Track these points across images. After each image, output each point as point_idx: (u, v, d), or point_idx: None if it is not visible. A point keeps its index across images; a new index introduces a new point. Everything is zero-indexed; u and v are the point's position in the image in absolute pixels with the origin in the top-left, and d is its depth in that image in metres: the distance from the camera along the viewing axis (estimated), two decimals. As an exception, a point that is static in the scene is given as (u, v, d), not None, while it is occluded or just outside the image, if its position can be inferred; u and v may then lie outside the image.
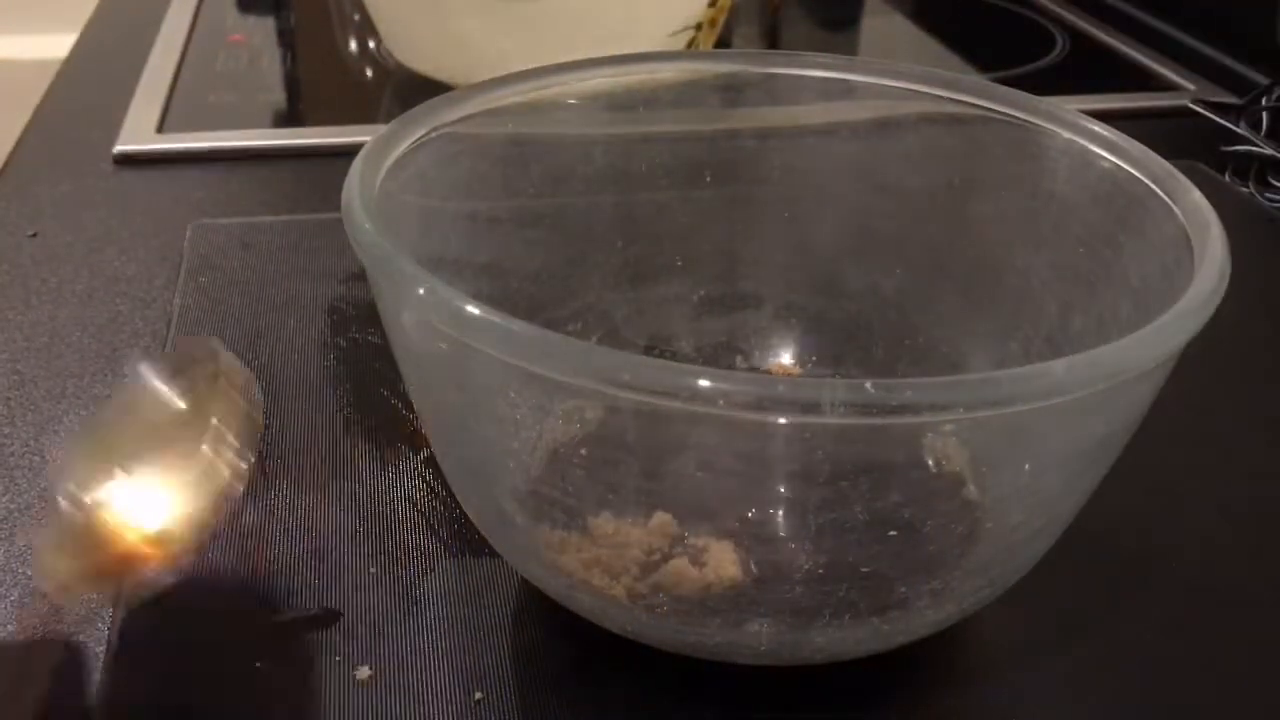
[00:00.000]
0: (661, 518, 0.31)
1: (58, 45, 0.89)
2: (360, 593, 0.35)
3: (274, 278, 0.51)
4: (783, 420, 0.25)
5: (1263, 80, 0.71)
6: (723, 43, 0.73)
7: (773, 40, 0.88)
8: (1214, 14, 0.80)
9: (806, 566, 0.29)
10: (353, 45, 0.83)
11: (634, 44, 0.55)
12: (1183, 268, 0.30)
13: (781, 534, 0.30)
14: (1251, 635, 0.35)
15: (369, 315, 0.48)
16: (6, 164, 0.62)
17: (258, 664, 0.32)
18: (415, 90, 0.69)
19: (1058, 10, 0.88)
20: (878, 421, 0.24)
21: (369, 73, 0.79)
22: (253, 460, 0.30)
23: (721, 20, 0.69)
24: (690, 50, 0.67)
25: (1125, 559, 0.37)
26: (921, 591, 0.30)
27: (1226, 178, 0.62)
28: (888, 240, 0.41)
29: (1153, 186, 0.33)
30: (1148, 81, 0.75)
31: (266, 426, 0.42)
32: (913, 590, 0.30)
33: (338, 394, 0.44)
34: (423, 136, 0.34)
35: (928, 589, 0.30)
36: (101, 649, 0.33)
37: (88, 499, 0.29)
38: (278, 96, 0.73)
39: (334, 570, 0.36)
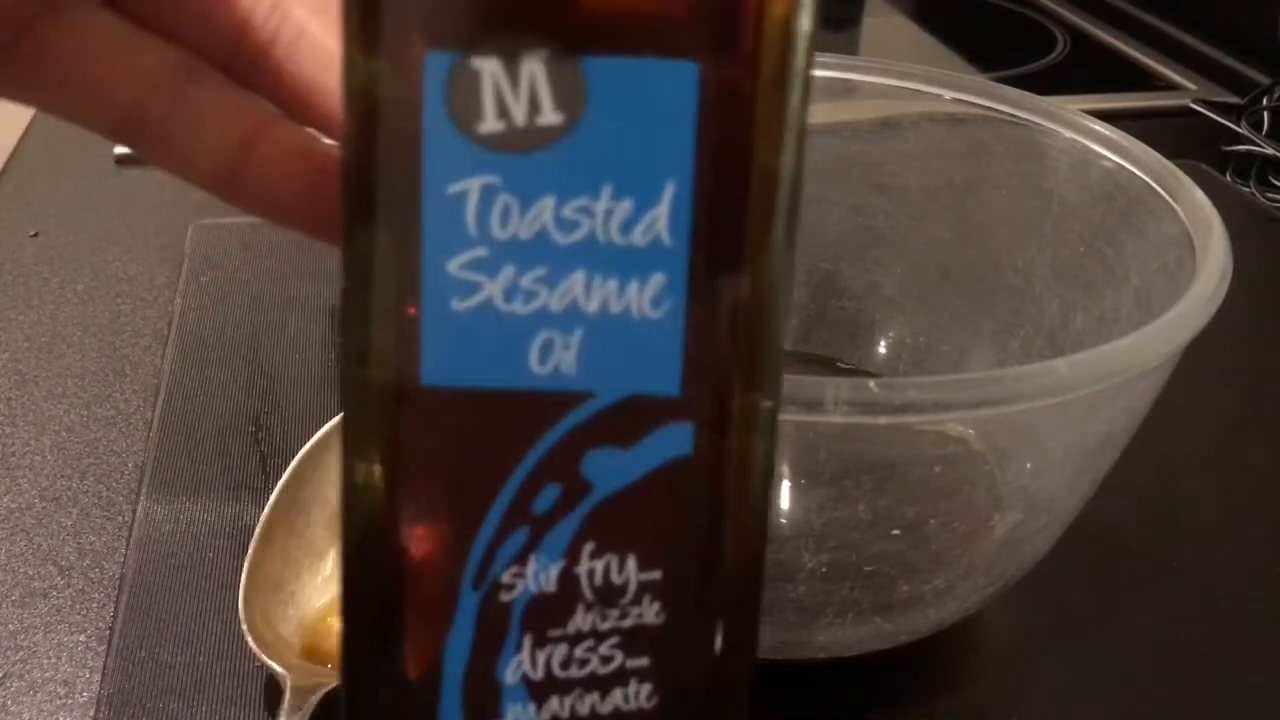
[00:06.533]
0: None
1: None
2: (362, 592, 0.35)
3: (275, 277, 0.51)
4: (786, 419, 0.25)
5: (1264, 80, 0.71)
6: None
7: (773, 40, 0.88)
8: (1215, 14, 0.80)
9: (810, 565, 0.29)
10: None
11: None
12: (1184, 267, 0.30)
13: (785, 533, 0.30)
14: (1252, 634, 0.35)
15: (370, 315, 0.48)
16: (8, 164, 0.62)
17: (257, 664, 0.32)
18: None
19: (1058, 10, 0.88)
20: (881, 420, 0.24)
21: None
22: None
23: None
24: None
25: (1125, 558, 0.37)
26: (924, 590, 0.30)
27: (1228, 177, 0.62)
28: (889, 239, 0.41)
29: (1154, 186, 0.33)
30: (1149, 81, 0.75)
31: (267, 426, 0.42)
32: (915, 589, 0.30)
33: (338, 394, 0.44)
34: (424, 136, 0.34)
35: (930, 588, 0.30)
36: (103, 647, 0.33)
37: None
38: (278, 96, 0.72)
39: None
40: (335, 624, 0.33)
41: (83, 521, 0.38)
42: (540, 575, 0.15)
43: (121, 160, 0.62)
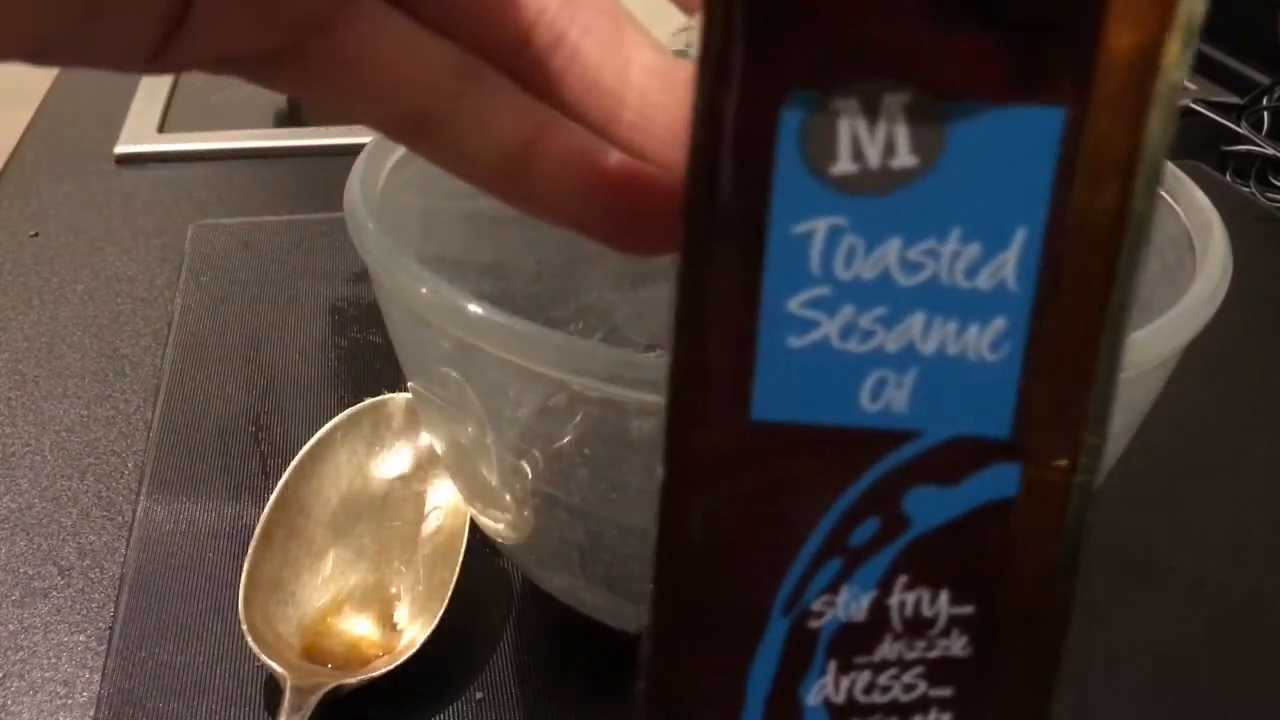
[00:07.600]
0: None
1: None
2: (362, 592, 0.35)
3: (275, 278, 0.51)
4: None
5: (1264, 80, 0.71)
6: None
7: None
8: (1214, 14, 0.80)
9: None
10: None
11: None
12: (1184, 267, 0.30)
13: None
14: (1252, 634, 0.35)
15: (370, 315, 0.48)
16: (8, 164, 0.62)
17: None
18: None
19: (1058, 10, 0.88)
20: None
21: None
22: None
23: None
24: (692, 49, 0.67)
25: (1125, 559, 0.37)
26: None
27: (1228, 177, 0.62)
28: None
29: (1154, 185, 0.33)
30: (1148, 81, 0.75)
31: (267, 426, 0.42)
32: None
33: (338, 394, 0.44)
34: (424, 136, 0.34)
35: (930, 588, 0.30)
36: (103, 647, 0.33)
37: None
38: (279, 96, 0.73)
39: (336, 570, 0.36)
40: (335, 624, 0.33)
41: (83, 521, 0.38)
42: (851, 605, 0.16)
43: (121, 160, 0.62)
